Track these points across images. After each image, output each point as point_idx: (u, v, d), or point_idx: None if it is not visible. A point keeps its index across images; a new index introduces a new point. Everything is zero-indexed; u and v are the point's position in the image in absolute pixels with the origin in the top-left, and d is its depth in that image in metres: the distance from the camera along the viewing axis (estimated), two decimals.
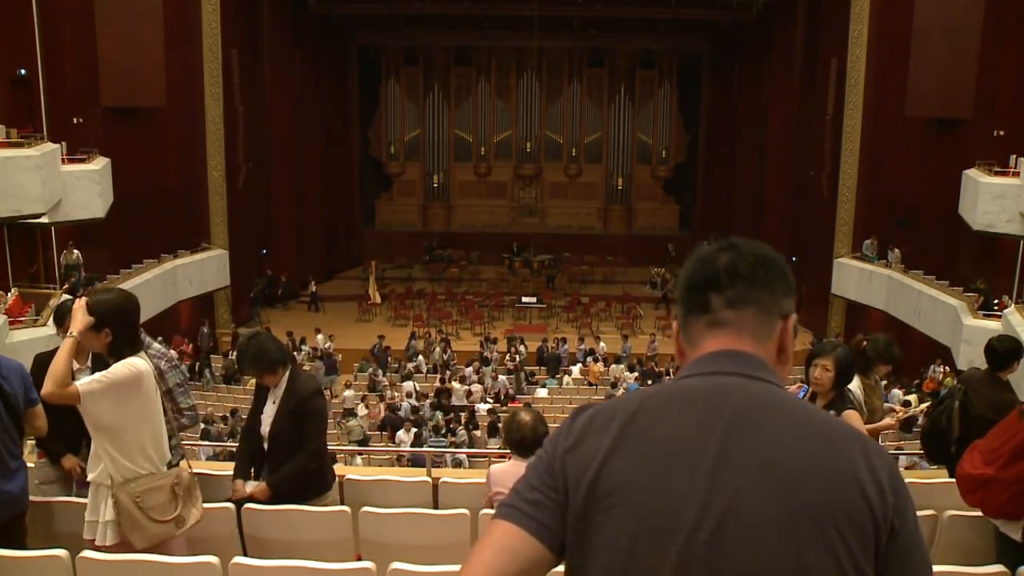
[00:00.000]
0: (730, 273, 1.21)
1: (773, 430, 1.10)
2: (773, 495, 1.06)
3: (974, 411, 4.18)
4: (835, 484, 1.07)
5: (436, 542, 3.83)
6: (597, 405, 1.23)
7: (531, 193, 27.87)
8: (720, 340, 1.21)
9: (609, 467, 1.12)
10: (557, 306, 22.41)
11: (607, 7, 23.14)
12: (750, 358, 1.19)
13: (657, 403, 1.16)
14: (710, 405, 1.13)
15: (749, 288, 1.21)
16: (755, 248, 1.24)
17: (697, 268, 1.24)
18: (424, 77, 27.28)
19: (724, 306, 1.21)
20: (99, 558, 3.02)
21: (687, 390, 1.17)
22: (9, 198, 12.04)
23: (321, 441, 4.14)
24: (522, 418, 3.93)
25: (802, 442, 1.10)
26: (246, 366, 4.19)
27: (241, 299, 21.20)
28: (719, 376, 1.17)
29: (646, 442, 1.12)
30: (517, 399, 16.68)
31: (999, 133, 16.08)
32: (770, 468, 1.07)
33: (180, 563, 3.02)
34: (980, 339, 13.81)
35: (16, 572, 3.07)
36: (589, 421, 1.18)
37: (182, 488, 3.37)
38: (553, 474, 1.16)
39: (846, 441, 1.12)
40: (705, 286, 1.22)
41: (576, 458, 1.15)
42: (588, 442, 1.15)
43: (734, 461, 1.08)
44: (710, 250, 1.26)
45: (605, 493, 1.11)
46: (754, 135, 23.79)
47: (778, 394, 1.16)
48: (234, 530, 3.87)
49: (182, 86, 18.33)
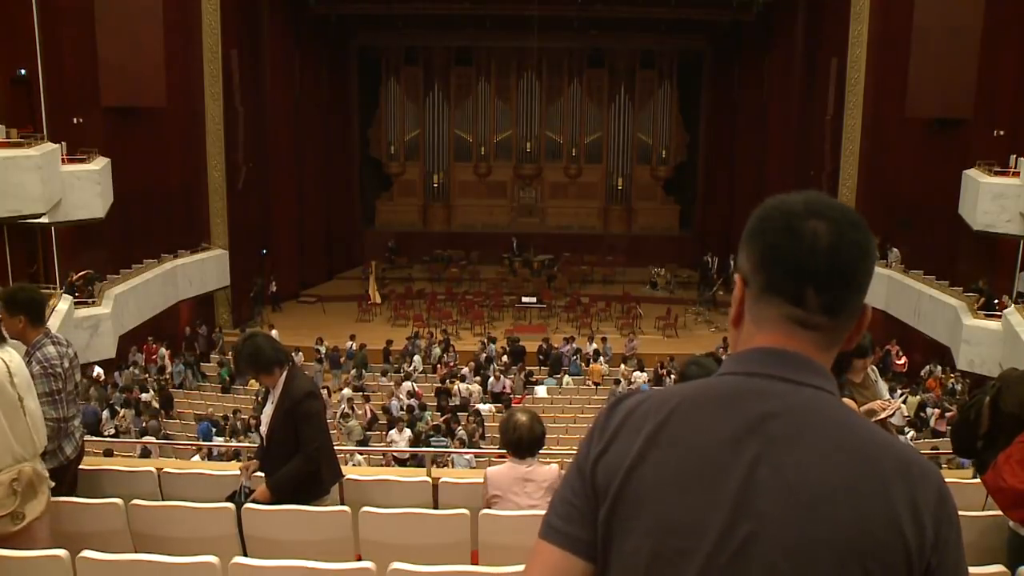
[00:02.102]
0: (832, 267, 1.06)
1: (807, 450, 1.02)
2: (797, 523, 0.99)
3: (1004, 408, 4.16)
4: (867, 516, 0.99)
5: (436, 542, 3.82)
6: (638, 395, 1.14)
7: (531, 193, 27.88)
8: (795, 341, 1.09)
9: (635, 475, 1.06)
10: (557, 306, 22.41)
11: (607, 7, 23.15)
12: (803, 362, 1.08)
13: (690, 407, 1.08)
14: (744, 415, 1.04)
15: (847, 291, 1.07)
16: (851, 223, 1.08)
17: (786, 238, 1.07)
18: (424, 77, 27.29)
19: (820, 310, 1.07)
20: (99, 558, 3.02)
21: (724, 394, 1.08)
22: (9, 198, 12.04)
23: (319, 443, 4.11)
24: (518, 419, 3.92)
25: (838, 466, 1.01)
26: (242, 367, 4.20)
27: (241, 299, 21.20)
28: (759, 379, 1.08)
29: (674, 451, 1.05)
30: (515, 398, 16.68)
31: (999, 133, 16.08)
32: (797, 493, 1.00)
33: (180, 563, 3.02)
34: (980, 339, 13.95)
35: (16, 572, 3.07)
36: (626, 417, 1.11)
37: (22, 484, 3.40)
38: (584, 480, 1.12)
39: (888, 464, 1.02)
40: (797, 271, 1.07)
41: (606, 463, 1.09)
42: (620, 443, 1.09)
43: (761, 482, 1.01)
44: (797, 206, 1.09)
45: (628, 503, 1.06)
46: (754, 135, 23.79)
47: (824, 405, 1.06)
48: (234, 530, 3.87)
49: (182, 86, 18.33)
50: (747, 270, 1.12)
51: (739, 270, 1.14)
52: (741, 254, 1.14)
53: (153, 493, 4.63)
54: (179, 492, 4.58)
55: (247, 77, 20.44)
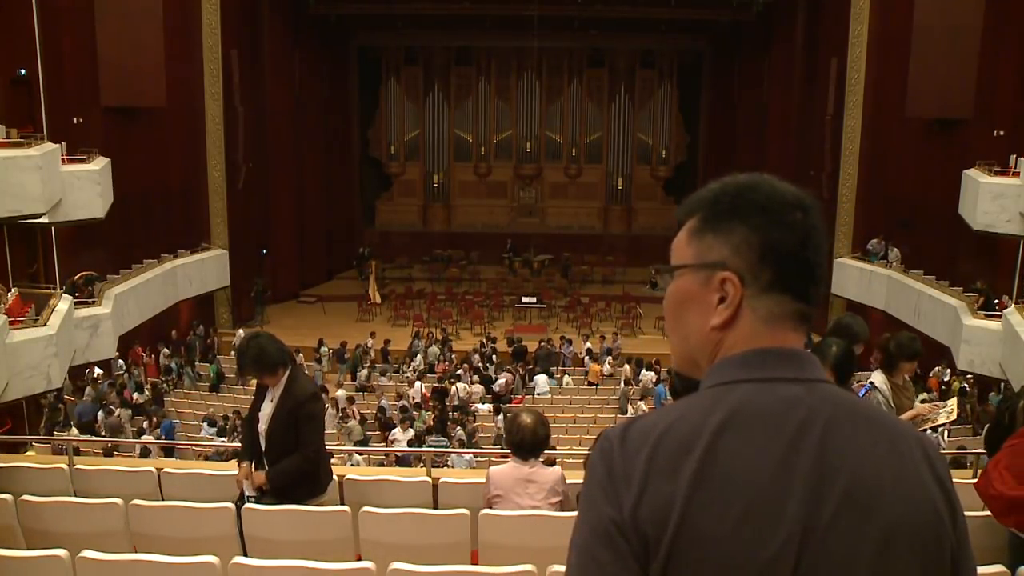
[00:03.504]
0: (821, 260, 1.06)
1: (851, 453, 0.99)
2: (860, 527, 0.97)
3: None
4: (916, 504, 1.00)
5: (436, 542, 3.83)
6: (639, 426, 1.04)
7: (531, 193, 27.88)
8: (797, 337, 1.07)
9: (690, 521, 0.96)
10: (557, 306, 22.42)
11: (607, 7, 23.14)
12: (804, 358, 1.06)
13: (729, 437, 0.99)
14: (786, 432, 0.99)
15: (822, 282, 1.08)
16: (818, 212, 1.08)
17: (783, 231, 1.05)
18: (424, 77, 27.30)
19: (815, 303, 1.08)
20: (99, 558, 3.02)
21: (757, 413, 1.01)
22: (9, 198, 12.02)
23: (318, 444, 4.15)
24: (523, 420, 3.93)
25: (879, 460, 1.00)
26: (246, 367, 4.20)
27: (241, 299, 21.20)
28: (779, 384, 1.03)
29: (726, 487, 0.96)
30: (515, 398, 16.69)
31: (999, 133, 16.07)
32: (855, 497, 0.98)
33: (180, 563, 3.02)
34: (980, 339, 13.94)
35: (16, 572, 3.07)
36: (650, 458, 0.99)
37: None
38: (624, 539, 0.98)
39: (912, 447, 1.03)
40: (803, 266, 1.06)
41: (649, 512, 0.97)
42: (655, 489, 0.97)
43: (821, 497, 0.97)
44: (788, 197, 1.07)
45: (687, 553, 0.96)
46: (754, 135, 23.78)
47: (841, 400, 1.04)
48: (234, 530, 3.88)
49: (182, 86, 18.33)
50: (743, 266, 1.05)
51: (729, 266, 1.06)
52: (719, 246, 1.07)
53: (153, 493, 4.64)
54: (179, 492, 4.59)
55: (247, 77, 20.43)
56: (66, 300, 13.22)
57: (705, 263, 1.09)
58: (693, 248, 1.11)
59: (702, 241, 1.09)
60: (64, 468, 4.87)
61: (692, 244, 1.11)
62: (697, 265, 1.09)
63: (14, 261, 14.37)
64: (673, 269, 1.14)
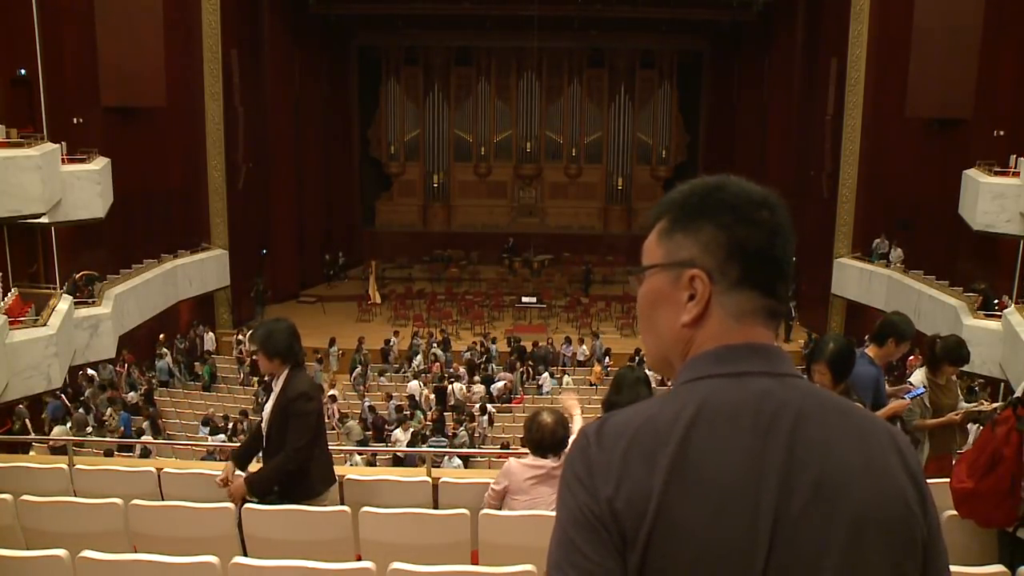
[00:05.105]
0: (788, 257, 1.09)
1: (821, 444, 1.01)
2: (831, 518, 0.99)
3: None
4: (886, 495, 1.01)
5: (436, 542, 3.83)
6: (615, 419, 1.06)
7: (531, 193, 27.88)
8: (767, 333, 1.09)
9: (666, 512, 0.98)
10: (557, 306, 22.42)
11: (607, 7, 23.14)
12: (774, 352, 1.08)
13: (702, 429, 1.01)
14: (758, 425, 1.01)
15: (790, 278, 1.12)
16: (784, 210, 1.11)
17: (750, 229, 1.07)
18: (424, 77, 27.29)
19: (783, 299, 1.10)
20: (99, 558, 3.02)
21: (729, 406, 1.03)
22: (9, 198, 12.02)
23: (305, 443, 4.08)
24: (543, 419, 4.02)
25: (850, 452, 1.02)
26: (255, 339, 4.35)
27: (241, 299, 21.20)
28: (750, 378, 1.05)
29: (700, 479, 0.98)
30: (515, 398, 16.69)
31: (999, 133, 16.06)
32: (823, 487, 0.99)
33: (180, 563, 3.02)
34: (980, 339, 13.91)
35: (16, 572, 3.07)
36: (626, 449, 1.01)
37: None
38: (604, 528, 1.00)
39: (883, 439, 1.05)
40: (771, 263, 1.08)
41: (626, 505, 0.99)
42: (632, 479, 1.00)
43: (793, 487, 0.99)
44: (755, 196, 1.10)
45: (664, 543, 0.98)
46: (754, 135, 23.78)
47: (811, 393, 1.06)
48: (234, 530, 3.88)
49: (182, 86, 18.33)
50: (711, 264, 1.07)
51: (697, 264, 1.08)
52: (688, 245, 1.09)
53: (153, 493, 4.64)
54: (179, 492, 4.59)
55: (247, 77, 20.42)
56: (66, 300, 13.22)
57: (674, 261, 1.11)
58: (663, 248, 1.13)
59: (672, 240, 1.11)
60: (64, 468, 4.87)
61: (662, 244, 1.13)
62: (667, 264, 1.11)
63: (14, 261, 14.37)
64: (644, 269, 1.16)
